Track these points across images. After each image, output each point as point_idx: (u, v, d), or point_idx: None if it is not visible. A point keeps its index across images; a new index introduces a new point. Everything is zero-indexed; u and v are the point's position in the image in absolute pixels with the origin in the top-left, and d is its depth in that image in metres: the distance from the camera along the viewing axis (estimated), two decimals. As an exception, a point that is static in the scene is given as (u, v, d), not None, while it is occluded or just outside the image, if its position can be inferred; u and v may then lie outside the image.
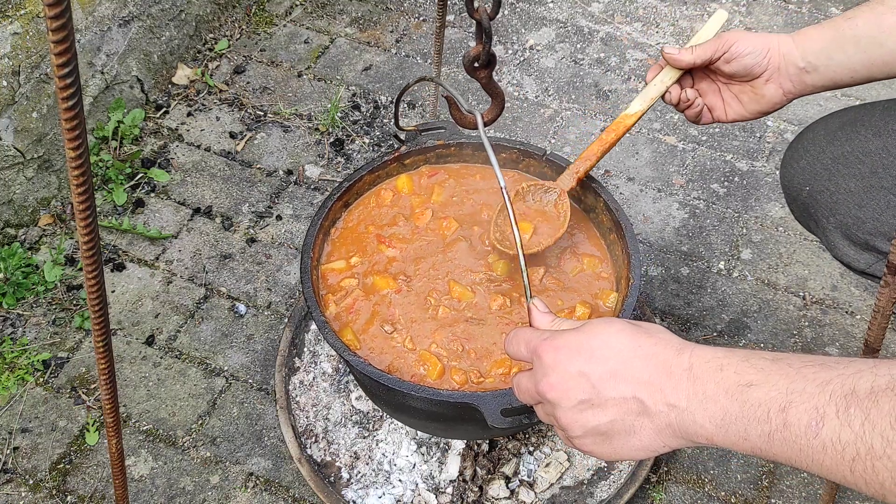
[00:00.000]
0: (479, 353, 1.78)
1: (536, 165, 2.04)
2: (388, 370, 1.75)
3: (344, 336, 1.77)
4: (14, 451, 2.19)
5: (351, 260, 1.93)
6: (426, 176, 2.08)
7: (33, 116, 2.56)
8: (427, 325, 1.82)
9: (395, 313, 1.84)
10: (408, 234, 1.97)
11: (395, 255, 1.93)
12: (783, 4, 3.40)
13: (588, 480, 2.09)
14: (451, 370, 1.75)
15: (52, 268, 2.49)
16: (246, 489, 2.14)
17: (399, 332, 1.81)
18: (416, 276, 1.90)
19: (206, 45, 3.19)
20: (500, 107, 1.75)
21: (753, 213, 2.72)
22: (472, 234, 1.97)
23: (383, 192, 2.04)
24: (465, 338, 1.80)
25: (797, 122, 2.96)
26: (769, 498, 2.14)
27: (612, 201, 1.91)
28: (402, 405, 1.82)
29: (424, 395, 1.63)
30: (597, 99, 3.05)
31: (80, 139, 0.98)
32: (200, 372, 2.35)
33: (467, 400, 1.59)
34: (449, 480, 2.07)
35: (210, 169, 2.83)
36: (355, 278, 1.90)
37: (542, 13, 3.36)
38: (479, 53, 1.59)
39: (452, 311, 1.84)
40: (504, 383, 1.73)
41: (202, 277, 2.55)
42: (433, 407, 1.71)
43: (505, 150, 2.05)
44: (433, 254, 1.94)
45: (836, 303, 2.50)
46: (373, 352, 1.78)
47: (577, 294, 1.88)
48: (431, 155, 2.07)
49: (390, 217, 2.00)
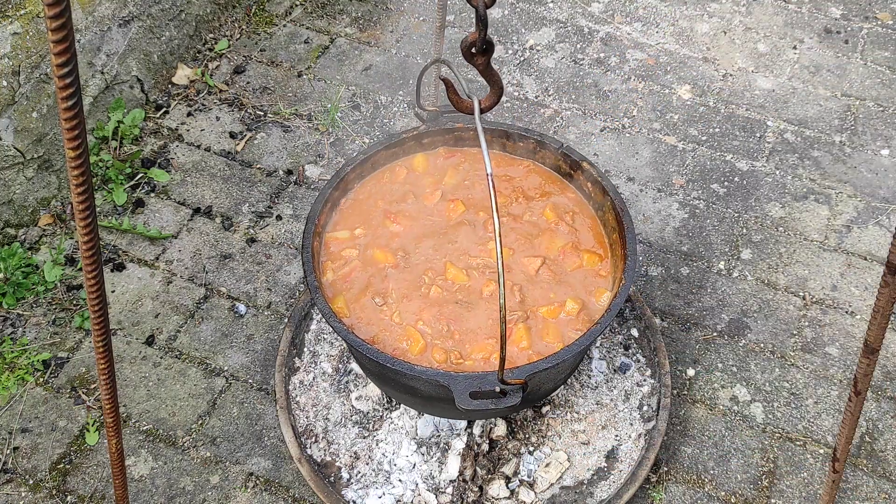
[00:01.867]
0: (463, 335, 1.80)
1: (552, 157, 2.05)
2: (372, 341, 1.77)
3: (335, 303, 1.81)
4: (14, 451, 2.19)
5: (355, 231, 1.96)
6: (442, 157, 2.10)
7: (33, 116, 2.56)
8: (417, 303, 1.84)
9: (388, 287, 1.87)
10: (415, 212, 1.99)
11: (398, 231, 1.96)
12: (783, 4, 3.40)
13: (588, 480, 2.09)
14: (433, 348, 1.77)
15: (52, 268, 2.49)
16: (246, 489, 2.14)
17: (388, 305, 1.83)
18: (415, 254, 1.92)
19: (206, 45, 3.19)
20: (498, 94, 1.76)
21: (753, 213, 2.72)
22: (477, 220, 1.98)
23: (398, 169, 2.07)
24: (453, 319, 1.82)
25: (797, 122, 2.96)
26: (769, 498, 2.14)
27: (619, 201, 1.91)
28: (383, 375, 1.85)
29: (399, 368, 1.65)
30: (597, 99, 3.05)
31: (80, 139, 0.98)
32: (200, 372, 2.35)
33: (439, 378, 1.62)
34: (449, 480, 2.07)
35: (210, 169, 2.83)
36: (356, 249, 1.93)
37: (542, 13, 3.36)
38: (475, 39, 1.60)
39: (444, 292, 1.86)
40: (482, 367, 1.75)
41: (202, 277, 2.55)
42: (408, 381, 1.73)
43: (522, 139, 2.06)
44: (436, 234, 1.96)
45: (836, 303, 2.50)
46: (360, 321, 1.81)
47: (571, 289, 1.89)
48: (450, 137, 2.08)
49: (401, 194, 2.02)
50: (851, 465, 2.18)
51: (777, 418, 2.27)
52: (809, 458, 2.20)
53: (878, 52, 3.21)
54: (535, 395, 1.91)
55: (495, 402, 1.57)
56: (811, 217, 2.71)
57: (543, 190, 2.06)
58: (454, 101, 1.78)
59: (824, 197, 2.76)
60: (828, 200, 2.75)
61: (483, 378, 1.60)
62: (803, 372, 2.36)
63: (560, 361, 1.69)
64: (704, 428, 2.25)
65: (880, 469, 2.18)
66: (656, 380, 2.24)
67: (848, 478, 2.16)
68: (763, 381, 2.34)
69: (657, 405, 2.19)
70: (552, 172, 2.06)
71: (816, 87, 3.08)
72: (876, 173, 2.82)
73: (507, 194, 2.04)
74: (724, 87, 3.09)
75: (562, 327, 1.83)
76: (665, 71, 3.14)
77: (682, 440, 2.23)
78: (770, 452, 2.21)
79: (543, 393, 1.99)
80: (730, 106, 3.03)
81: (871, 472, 2.18)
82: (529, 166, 2.08)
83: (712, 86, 3.10)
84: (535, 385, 1.77)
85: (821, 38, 3.27)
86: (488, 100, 1.76)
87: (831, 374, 2.35)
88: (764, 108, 3.02)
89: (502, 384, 1.57)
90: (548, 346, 1.80)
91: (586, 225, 1.99)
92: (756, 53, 3.21)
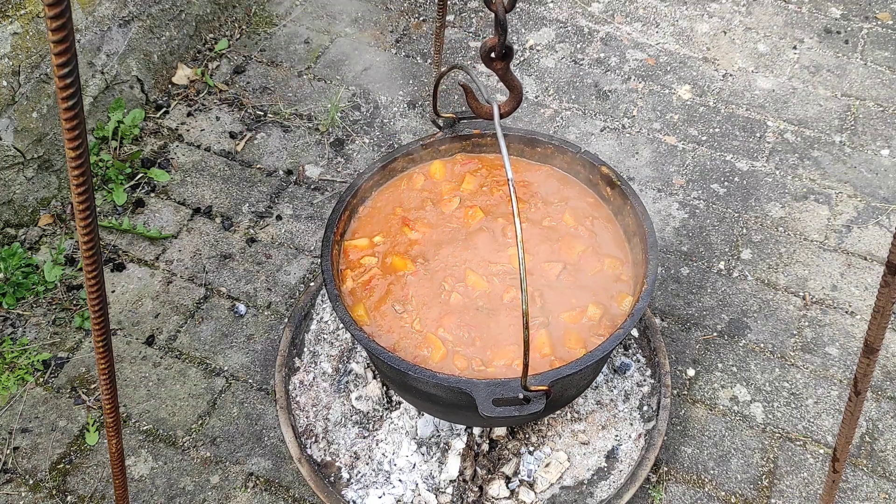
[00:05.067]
0: (484, 342, 1.79)
1: (569, 162, 2.05)
2: (393, 349, 1.76)
3: (355, 311, 1.80)
4: (14, 451, 2.19)
5: (374, 239, 1.96)
6: (460, 164, 2.10)
7: (33, 116, 2.56)
8: (437, 309, 1.84)
9: (409, 294, 1.86)
10: (433, 219, 1.99)
11: (417, 239, 1.95)
12: (783, 4, 3.40)
13: (588, 480, 2.09)
14: (454, 355, 1.76)
15: (52, 268, 2.49)
16: (246, 489, 2.14)
17: (409, 312, 1.83)
18: (435, 261, 1.92)
19: (206, 45, 3.19)
20: (518, 99, 1.76)
21: (753, 213, 2.72)
22: (496, 226, 1.98)
23: (415, 176, 2.07)
24: (474, 325, 1.81)
25: (797, 122, 2.96)
26: (769, 498, 2.14)
27: (640, 205, 1.91)
28: (403, 384, 1.84)
29: (420, 375, 1.64)
30: (597, 99, 3.05)
31: (80, 139, 0.98)
32: (200, 372, 2.35)
33: (461, 386, 1.60)
34: (449, 480, 2.07)
35: (210, 169, 2.83)
36: (376, 257, 1.93)
37: (542, 13, 3.36)
38: (494, 45, 1.61)
39: (465, 299, 1.85)
40: (505, 374, 1.74)
41: (202, 277, 2.55)
42: (430, 389, 1.72)
43: (540, 144, 2.06)
44: (455, 241, 1.95)
45: (836, 303, 2.50)
46: (381, 329, 1.80)
47: (593, 294, 1.88)
48: (468, 143, 2.09)
49: (419, 201, 2.02)
50: (851, 465, 2.18)
51: (777, 418, 2.27)
52: (809, 458, 2.20)
53: (878, 52, 3.21)
54: (558, 401, 1.89)
55: (518, 409, 1.55)
56: (811, 217, 2.71)
57: (562, 195, 2.06)
58: (473, 107, 1.78)
59: (824, 197, 2.76)
60: (828, 200, 2.75)
61: (506, 385, 1.58)
62: (803, 372, 2.36)
63: (583, 367, 1.67)
64: (704, 428, 2.25)
65: (880, 469, 2.18)
66: (656, 380, 2.24)
67: (848, 478, 2.16)
68: (763, 381, 2.34)
69: (657, 405, 2.19)
70: (570, 177, 2.06)
71: (816, 87, 3.08)
72: (876, 173, 2.82)
73: (526, 199, 2.04)
74: (724, 87, 3.10)
75: (584, 333, 1.82)
76: (665, 71, 3.14)
77: (682, 440, 2.23)
78: (770, 452, 2.21)
79: (566, 399, 1.97)
80: (730, 106, 3.03)
81: (871, 472, 2.18)
82: (548, 171, 2.08)
83: (712, 86, 3.10)
84: (558, 391, 1.75)
85: (821, 38, 3.27)
86: (508, 105, 1.77)
87: (831, 374, 2.35)
88: (764, 108, 3.02)
89: (525, 391, 1.55)
90: (570, 352, 1.78)
91: (606, 229, 1.99)
92: (756, 53, 3.21)
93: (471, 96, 1.75)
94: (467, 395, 1.58)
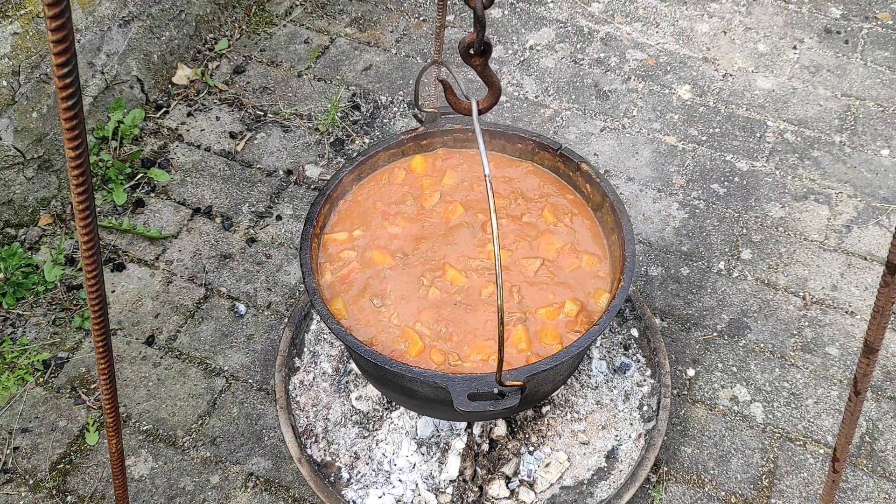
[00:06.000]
0: (461, 337, 1.80)
1: (550, 159, 2.05)
2: (370, 343, 1.77)
3: (333, 305, 1.80)
4: (14, 451, 2.19)
5: (354, 232, 1.96)
6: (441, 158, 2.10)
7: (33, 116, 2.56)
8: (415, 304, 1.84)
9: (387, 288, 1.87)
10: (413, 213, 1.99)
11: (397, 233, 1.96)
12: (783, 4, 3.40)
13: (588, 480, 2.09)
14: (431, 350, 1.77)
15: (52, 268, 2.49)
16: (246, 489, 2.14)
17: (387, 306, 1.83)
18: (414, 256, 1.92)
19: (206, 45, 3.19)
20: (496, 96, 1.76)
21: (753, 213, 2.72)
22: (476, 221, 1.98)
23: (397, 170, 2.07)
24: (451, 320, 1.81)
25: (797, 122, 2.96)
26: (769, 498, 2.14)
27: (618, 202, 1.91)
28: (381, 378, 1.85)
29: (396, 369, 1.65)
30: (597, 99, 3.05)
31: (79, 139, 0.98)
32: (200, 372, 2.35)
33: (436, 380, 1.61)
34: (449, 480, 2.07)
35: (210, 169, 2.83)
36: (355, 250, 1.93)
37: (542, 13, 3.36)
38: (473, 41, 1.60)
39: (443, 294, 1.86)
40: (481, 369, 1.75)
41: (202, 277, 2.55)
42: (406, 383, 1.73)
43: (520, 140, 2.06)
44: (434, 236, 1.95)
45: (836, 303, 2.50)
46: (358, 323, 1.80)
47: (570, 290, 1.88)
48: (449, 138, 2.08)
49: (399, 195, 2.02)
50: (851, 465, 2.18)
51: (777, 418, 2.27)
52: (809, 458, 2.20)
53: (878, 52, 3.21)
54: (533, 396, 1.91)
55: (493, 403, 1.57)
56: (811, 217, 2.71)
57: (542, 191, 2.06)
58: (452, 103, 1.78)
59: (824, 197, 2.76)
60: (828, 200, 2.75)
61: (481, 380, 1.60)
62: (803, 372, 2.36)
63: (558, 363, 1.69)
64: (704, 428, 2.25)
65: (880, 469, 2.18)
66: (656, 380, 2.24)
67: (848, 478, 2.16)
68: (763, 381, 2.34)
69: (657, 405, 2.19)
70: (551, 173, 2.06)
71: (816, 87, 3.08)
72: (876, 173, 2.82)
73: (506, 195, 2.04)
74: (724, 87, 3.09)
75: (560, 329, 1.83)
76: (665, 71, 3.14)
77: (682, 440, 2.23)
78: (770, 452, 2.21)
79: (542, 394, 1.99)
80: (730, 106, 3.03)
81: (871, 472, 2.18)
82: (528, 167, 2.08)
83: (712, 86, 3.10)
84: (533, 387, 1.76)
85: (821, 38, 3.27)
86: (486, 101, 1.76)
87: (831, 374, 2.35)
88: (764, 108, 3.02)
89: (500, 386, 1.57)
90: (546, 348, 1.80)
91: (585, 226, 1.99)
92: (756, 53, 3.21)
93: (449, 92, 1.75)
94: (443, 390, 1.59)
